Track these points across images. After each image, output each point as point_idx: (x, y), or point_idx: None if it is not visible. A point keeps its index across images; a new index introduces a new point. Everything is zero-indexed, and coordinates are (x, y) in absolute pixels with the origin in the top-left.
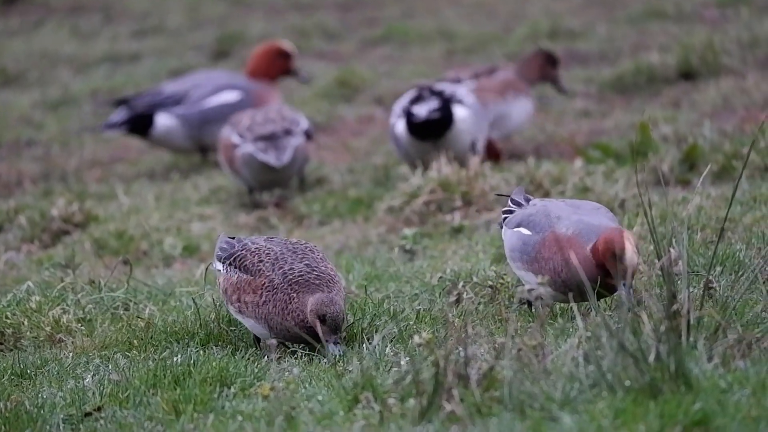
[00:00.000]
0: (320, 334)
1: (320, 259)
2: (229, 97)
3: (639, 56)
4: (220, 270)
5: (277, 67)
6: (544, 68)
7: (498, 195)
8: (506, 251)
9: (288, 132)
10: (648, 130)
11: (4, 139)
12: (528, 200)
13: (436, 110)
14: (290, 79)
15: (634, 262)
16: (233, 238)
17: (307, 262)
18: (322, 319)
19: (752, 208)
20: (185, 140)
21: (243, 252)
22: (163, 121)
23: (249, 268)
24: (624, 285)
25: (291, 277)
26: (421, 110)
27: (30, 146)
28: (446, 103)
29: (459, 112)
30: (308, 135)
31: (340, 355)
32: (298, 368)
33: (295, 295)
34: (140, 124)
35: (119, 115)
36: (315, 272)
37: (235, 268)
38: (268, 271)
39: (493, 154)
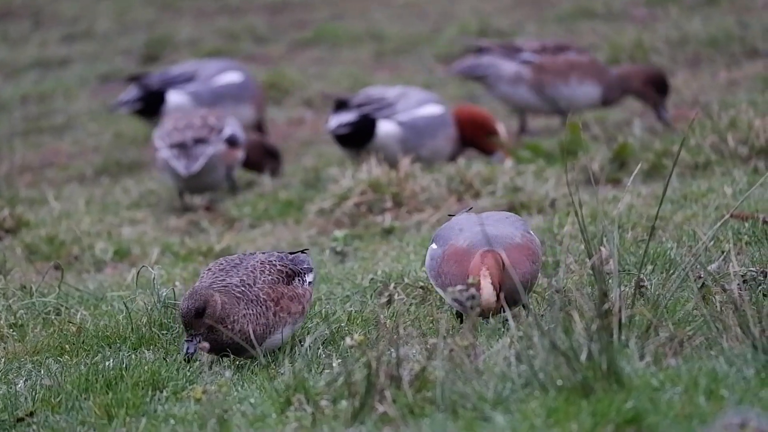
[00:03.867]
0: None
1: (265, 281)
2: (235, 77)
3: None
4: None
5: None
6: (647, 88)
7: (449, 215)
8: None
9: (202, 140)
10: (578, 129)
11: None
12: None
13: (346, 125)
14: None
15: (490, 302)
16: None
17: (243, 278)
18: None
19: (683, 206)
20: None
21: (212, 262)
22: (175, 98)
23: (200, 274)
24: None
25: (216, 286)
26: (332, 122)
27: None
28: (365, 118)
29: (385, 127)
30: (232, 141)
31: (185, 354)
32: (230, 371)
33: None
34: (152, 102)
35: (131, 93)
36: (240, 288)
37: None
38: (205, 279)
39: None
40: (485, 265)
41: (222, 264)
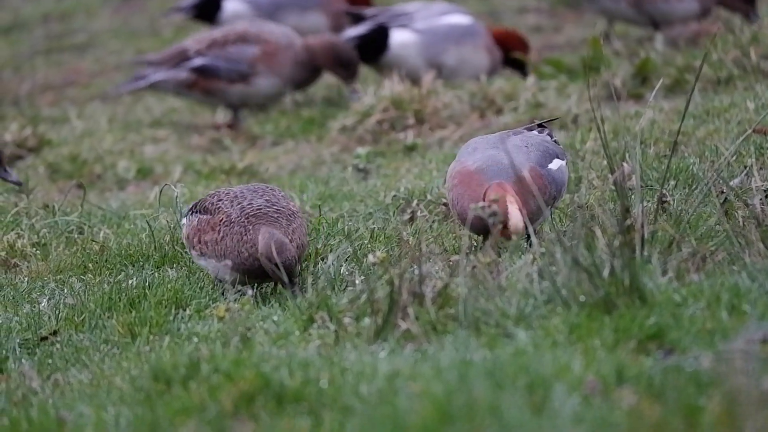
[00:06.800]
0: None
1: (282, 197)
2: None
3: None
4: (184, 223)
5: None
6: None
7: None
8: None
9: (154, 64)
10: (599, 44)
11: None
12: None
13: (354, 38)
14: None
15: (519, 228)
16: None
17: (267, 198)
18: (275, 264)
19: (705, 122)
20: None
21: (204, 198)
22: (232, 5)
23: (209, 208)
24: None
25: (249, 210)
26: (343, 35)
27: None
28: (378, 27)
29: (399, 36)
30: (204, 71)
31: (294, 297)
32: (252, 289)
33: (251, 227)
34: (208, 9)
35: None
36: (275, 207)
37: (197, 212)
38: (227, 208)
39: (517, 47)
40: (507, 191)
41: (228, 193)
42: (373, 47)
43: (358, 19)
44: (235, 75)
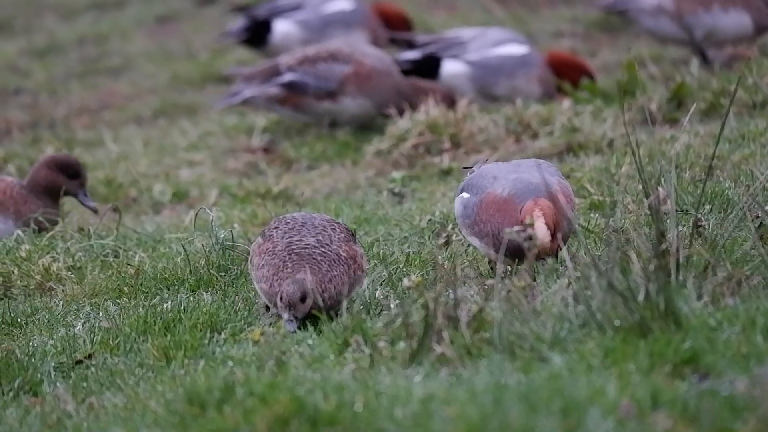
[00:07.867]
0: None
1: (339, 239)
2: (345, 4)
3: None
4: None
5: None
6: None
7: (464, 168)
8: (456, 219)
9: (247, 78)
10: (635, 69)
11: None
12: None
13: (406, 62)
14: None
15: (545, 243)
16: None
17: (319, 238)
18: (281, 296)
19: (740, 146)
20: (302, 46)
21: (275, 219)
22: (282, 27)
23: (265, 233)
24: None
25: (294, 246)
26: (397, 58)
27: (17, 94)
28: (429, 57)
29: (450, 67)
30: (293, 87)
31: (289, 332)
32: (287, 314)
33: (290, 264)
34: (258, 32)
35: (238, 23)
36: (322, 249)
37: (261, 234)
38: (277, 238)
39: (573, 76)
40: (538, 206)
41: (289, 222)
42: (425, 75)
43: (410, 44)
44: (323, 92)
